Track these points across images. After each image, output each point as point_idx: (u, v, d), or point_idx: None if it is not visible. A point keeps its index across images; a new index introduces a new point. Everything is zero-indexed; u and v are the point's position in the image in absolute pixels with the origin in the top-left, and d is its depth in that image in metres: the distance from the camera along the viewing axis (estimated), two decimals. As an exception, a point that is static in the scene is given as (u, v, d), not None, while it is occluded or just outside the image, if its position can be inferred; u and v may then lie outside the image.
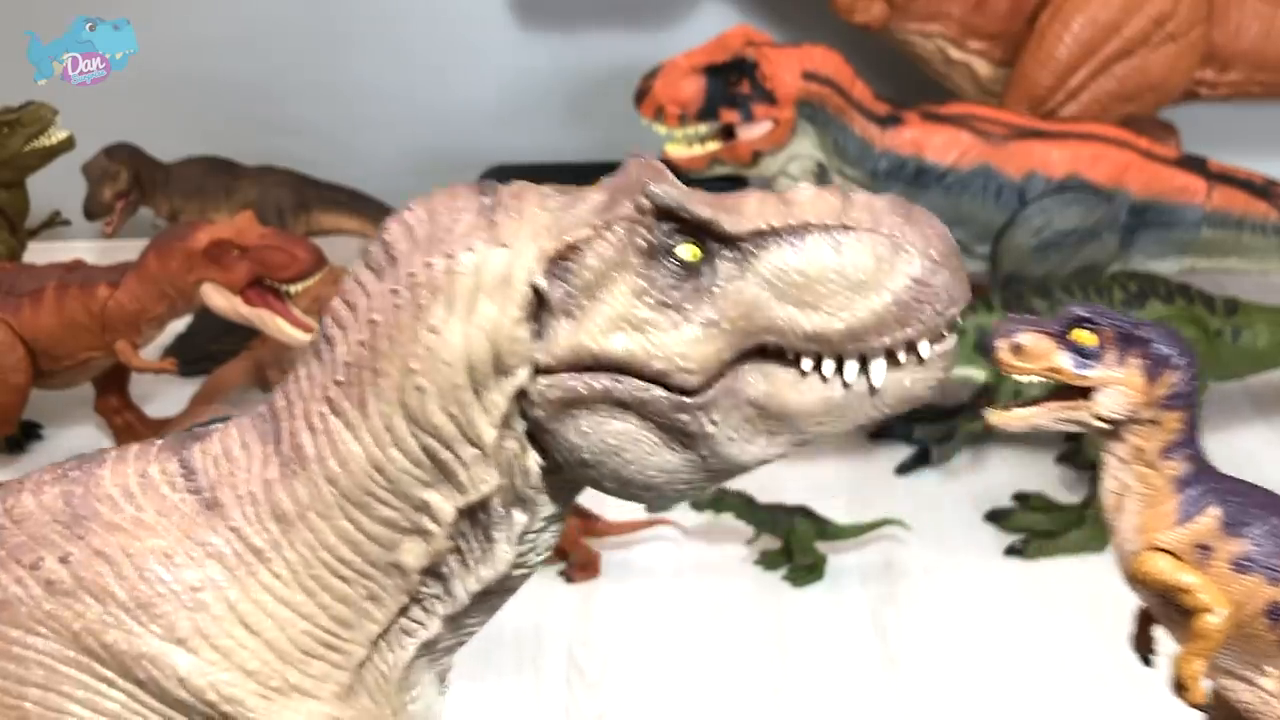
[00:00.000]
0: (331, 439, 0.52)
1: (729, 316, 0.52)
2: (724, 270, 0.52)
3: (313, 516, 0.52)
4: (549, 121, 2.11)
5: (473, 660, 1.29)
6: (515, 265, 0.51)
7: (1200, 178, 1.56)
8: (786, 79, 1.50)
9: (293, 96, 2.10)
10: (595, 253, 0.51)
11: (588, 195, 0.55)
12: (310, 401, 0.53)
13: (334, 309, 0.54)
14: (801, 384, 0.54)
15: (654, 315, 0.51)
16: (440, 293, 0.51)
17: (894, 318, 0.53)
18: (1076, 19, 1.65)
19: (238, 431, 0.55)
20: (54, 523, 0.53)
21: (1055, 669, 1.27)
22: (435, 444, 0.52)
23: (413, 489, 0.53)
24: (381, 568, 0.53)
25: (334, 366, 0.52)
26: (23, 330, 1.50)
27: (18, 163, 1.77)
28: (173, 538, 0.52)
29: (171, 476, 0.55)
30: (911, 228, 0.54)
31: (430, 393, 0.51)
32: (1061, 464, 1.57)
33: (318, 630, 0.53)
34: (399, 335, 0.51)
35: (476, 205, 0.53)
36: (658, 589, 1.39)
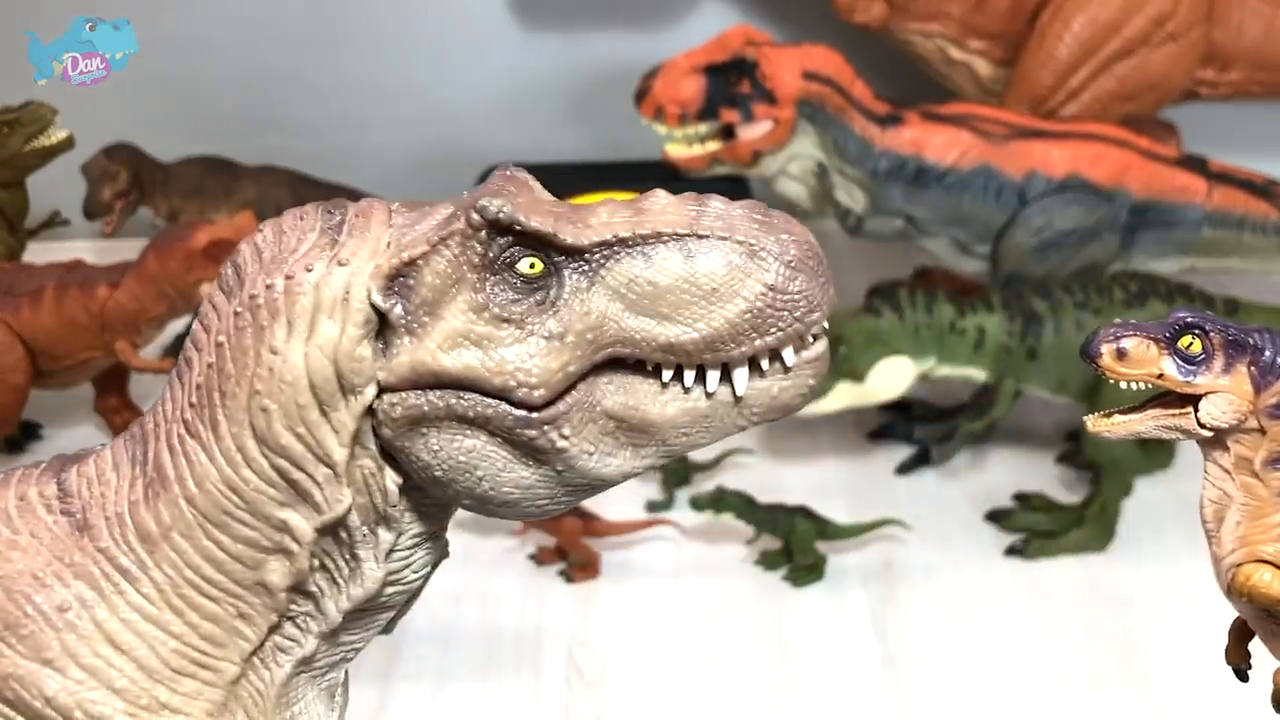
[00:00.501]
0: (189, 460, 0.53)
1: (575, 330, 0.51)
2: (570, 283, 0.52)
3: (176, 537, 0.53)
4: (549, 121, 2.11)
5: (472, 660, 1.30)
6: (354, 283, 0.51)
7: (1201, 177, 1.56)
8: (787, 79, 1.50)
9: (292, 96, 2.10)
10: (432, 269, 0.51)
11: (436, 210, 0.54)
12: (171, 423, 0.54)
13: (193, 332, 0.55)
14: (662, 395, 0.53)
15: (493, 330, 0.51)
16: (280, 313, 0.51)
17: (751, 326, 0.51)
18: (1077, 18, 1.64)
19: (111, 453, 0.56)
20: None
21: (1055, 669, 1.27)
22: (286, 464, 0.53)
23: (269, 509, 0.53)
24: (248, 586, 0.54)
25: (190, 389, 0.53)
26: (22, 330, 1.50)
27: (17, 162, 1.77)
28: (43, 559, 0.53)
29: (49, 499, 0.55)
30: (768, 233, 0.52)
31: (275, 413, 0.51)
32: (1062, 464, 1.57)
33: (188, 649, 0.54)
34: (243, 357, 0.51)
35: (321, 224, 0.53)
36: (657, 589, 1.39)
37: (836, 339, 1.38)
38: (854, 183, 1.56)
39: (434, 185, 2.11)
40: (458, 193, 1.70)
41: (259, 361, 0.51)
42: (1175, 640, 1.30)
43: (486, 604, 1.36)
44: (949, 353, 1.40)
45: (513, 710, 1.22)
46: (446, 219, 0.52)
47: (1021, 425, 1.62)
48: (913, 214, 1.55)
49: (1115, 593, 1.37)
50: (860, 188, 1.56)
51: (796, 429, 1.63)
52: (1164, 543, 1.44)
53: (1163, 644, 1.30)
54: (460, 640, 1.32)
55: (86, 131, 1.81)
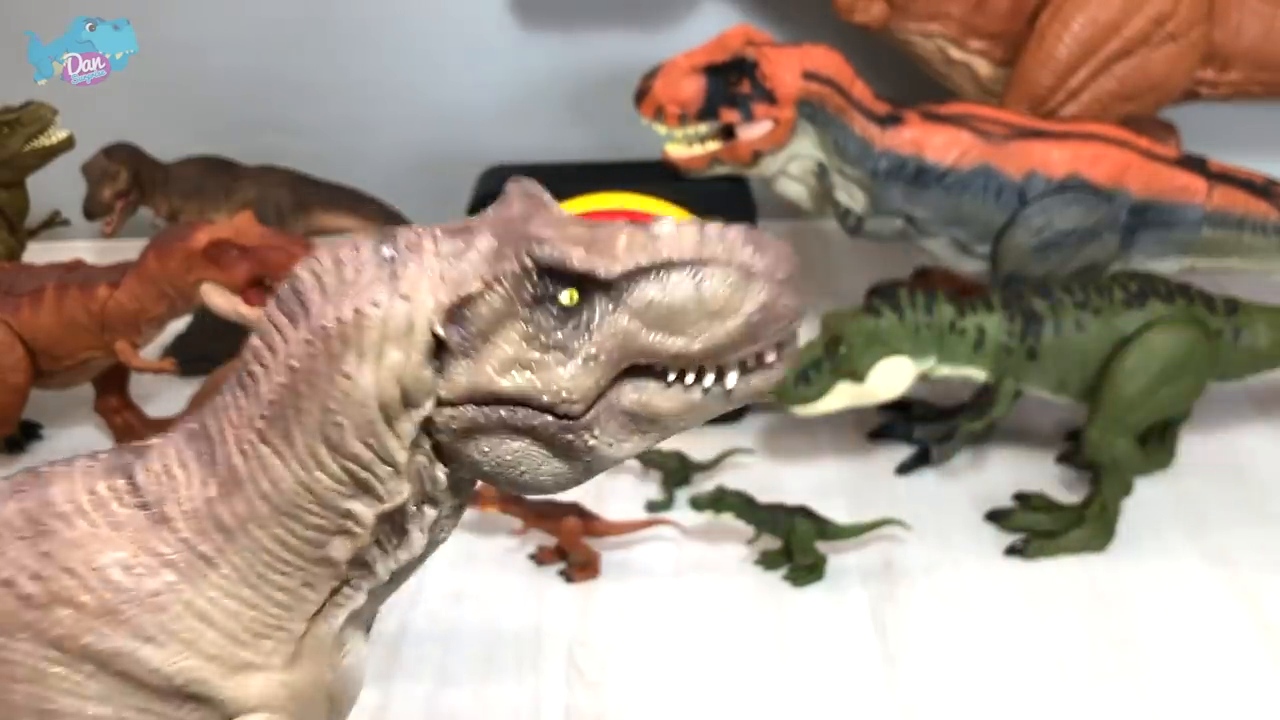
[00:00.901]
0: (263, 464, 0.61)
1: (605, 349, 0.60)
2: (600, 308, 0.60)
3: (251, 528, 0.61)
4: (549, 121, 2.11)
5: (473, 660, 1.30)
6: (417, 316, 0.59)
7: (1201, 177, 1.56)
8: (787, 79, 1.50)
9: (292, 96, 2.10)
10: (487, 304, 0.59)
11: (477, 239, 0.60)
12: (241, 429, 0.61)
13: (255, 347, 0.62)
14: (667, 391, 0.62)
15: (541, 356, 0.59)
16: (351, 343, 0.58)
17: (746, 337, 0.61)
18: (1077, 19, 1.64)
19: (175, 450, 0.63)
20: (17, 540, 0.60)
21: (1055, 668, 1.27)
22: (355, 466, 0.61)
23: (337, 501, 0.62)
24: (314, 561, 0.63)
25: (259, 402, 0.61)
26: (22, 330, 1.50)
27: (17, 162, 1.77)
28: (128, 551, 0.61)
29: (119, 493, 0.62)
30: (761, 257, 0.62)
31: (348, 427, 0.60)
32: (1062, 464, 1.57)
33: (264, 616, 0.63)
34: (317, 380, 0.59)
35: (377, 257, 0.59)
36: (657, 589, 1.39)
37: (836, 339, 1.38)
38: (854, 183, 1.56)
39: (435, 185, 2.12)
40: (458, 193, 1.70)
41: (332, 384, 0.59)
42: (1174, 639, 1.30)
43: (487, 604, 1.37)
44: (949, 353, 1.40)
45: (513, 710, 1.22)
46: (495, 255, 0.59)
47: (1021, 425, 1.62)
48: (913, 214, 1.55)
49: (1115, 592, 1.37)
50: (860, 188, 1.56)
51: (796, 429, 1.63)
52: (1164, 542, 1.44)
53: (1162, 643, 1.30)
54: (461, 640, 1.32)
55: (86, 131, 1.82)
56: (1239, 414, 1.65)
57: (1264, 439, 1.61)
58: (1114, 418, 1.37)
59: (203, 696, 0.61)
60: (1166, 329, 1.37)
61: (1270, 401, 1.67)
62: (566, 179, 1.57)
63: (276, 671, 0.62)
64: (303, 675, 0.63)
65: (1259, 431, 1.62)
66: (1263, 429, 1.63)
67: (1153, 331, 1.37)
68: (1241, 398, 1.67)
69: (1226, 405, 1.65)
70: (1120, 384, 1.37)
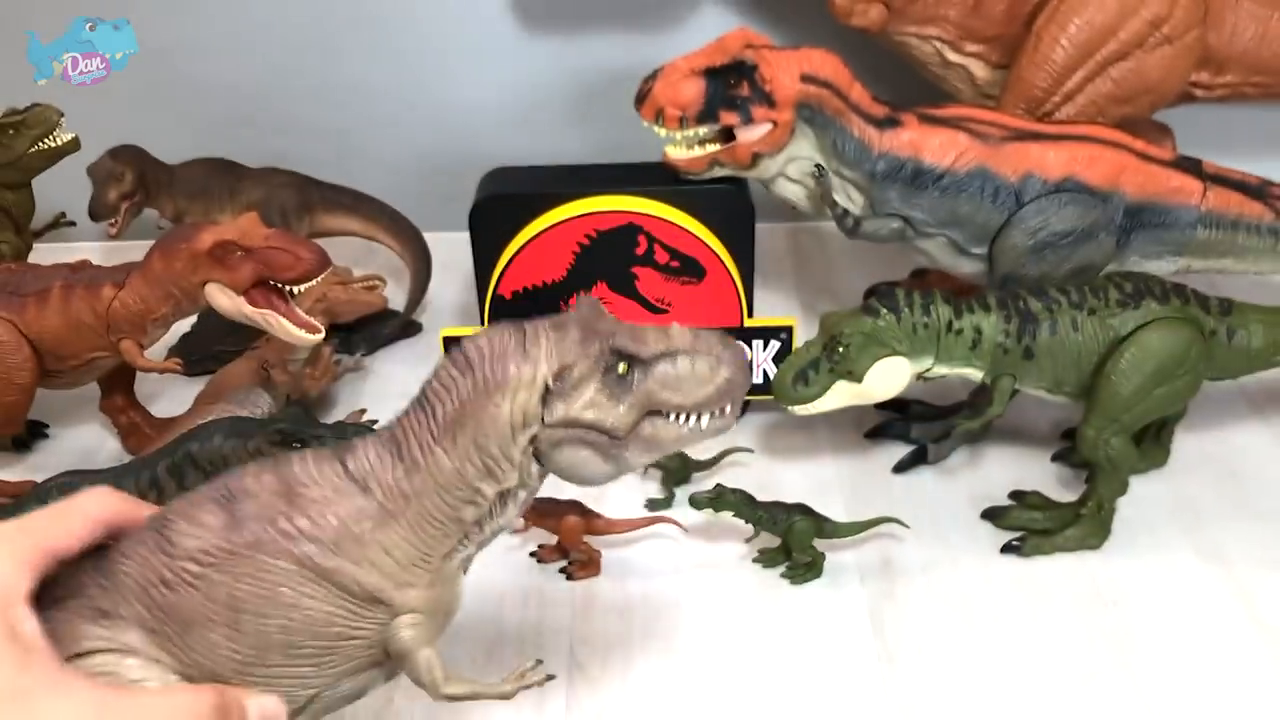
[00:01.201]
0: (434, 457, 0.92)
1: (640, 402, 0.93)
2: (637, 375, 0.93)
3: (421, 497, 0.92)
4: (550, 123, 2.12)
5: (474, 657, 1.31)
6: (538, 376, 0.91)
7: (1196, 179, 1.57)
8: (785, 81, 1.51)
9: (295, 98, 2.11)
10: (578, 370, 0.91)
11: (570, 331, 0.92)
12: (422, 435, 0.92)
13: (436, 383, 0.93)
14: (669, 426, 0.95)
15: (605, 401, 0.92)
16: (499, 389, 0.91)
17: (717, 398, 0.95)
18: (1073, 22, 1.65)
19: (374, 446, 0.93)
20: (276, 496, 0.89)
21: (1051, 665, 1.28)
22: (490, 462, 0.92)
23: (475, 482, 0.93)
24: (453, 521, 0.93)
25: (436, 420, 0.92)
26: (28, 330, 1.51)
27: (24, 164, 1.78)
28: (347, 507, 0.90)
29: (338, 472, 0.91)
30: (727, 349, 0.95)
31: (492, 438, 0.91)
32: (1058, 462, 1.58)
33: (420, 552, 0.93)
34: (476, 410, 0.91)
35: (515, 340, 0.92)
36: (657, 587, 1.40)
37: (834, 339, 1.39)
38: (852, 184, 1.57)
39: (437, 187, 2.13)
40: (461, 194, 1.70)
41: (485, 412, 0.91)
42: (1170, 636, 1.31)
43: (488, 601, 1.38)
44: (946, 353, 1.41)
45: (514, 707, 1.23)
46: (586, 340, 0.92)
47: (1018, 424, 1.63)
48: (910, 215, 1.56)
49: (1111, 590, 1.38)
50: (858, 189, 1.57)
51: (795, 428, 1.64)
52: (1159, 540, 1.45)
53: (1158, 640, 1.31)
54: (462, 637, 1.33)
55: (92, 133, 1.83)
56: (1234, 413, 1.66)
57: (1258, 438, 1.62)
58: (1109, 417, 1.38)
59: (382, 600, 0.92)
60: (1162, 329, 1.38)
61: (1265, 401, 1.68)
62: (567, 180, 1.58)
63: (423, 589, 0.93)
64: (436, 593, 0.94)
65: (1253, 430, 1.63)
66: (1257, 428, 1.64)
67: (1148, 331, 1.38)
68: (1236, 397, 1.68)
69: (1221, 404, 1.66)
70: (1116, 383, 1.38)
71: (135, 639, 0.86)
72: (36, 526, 0.86)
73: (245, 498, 0.88)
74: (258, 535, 0.86)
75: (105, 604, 0.86)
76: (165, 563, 0.86)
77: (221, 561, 0.86)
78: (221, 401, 1.55)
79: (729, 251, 1.56)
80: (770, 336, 1.59)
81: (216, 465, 1.24)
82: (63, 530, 0.86)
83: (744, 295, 1.58)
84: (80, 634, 0.85)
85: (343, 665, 0.92)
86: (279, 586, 0.87)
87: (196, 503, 0.88)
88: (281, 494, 0.88)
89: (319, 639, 0.89)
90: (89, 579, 0.87)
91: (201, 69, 2.09)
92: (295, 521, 0.87)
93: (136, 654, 0.86)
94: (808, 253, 2.14)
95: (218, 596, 0.86)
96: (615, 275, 1.57)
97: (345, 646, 0.91)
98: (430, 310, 1.97)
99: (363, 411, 1.67)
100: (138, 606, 0.86)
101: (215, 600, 0.86)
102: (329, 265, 1.45)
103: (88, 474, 1.29)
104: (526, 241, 1.54)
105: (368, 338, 1.87)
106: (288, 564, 0.87)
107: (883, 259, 2.02)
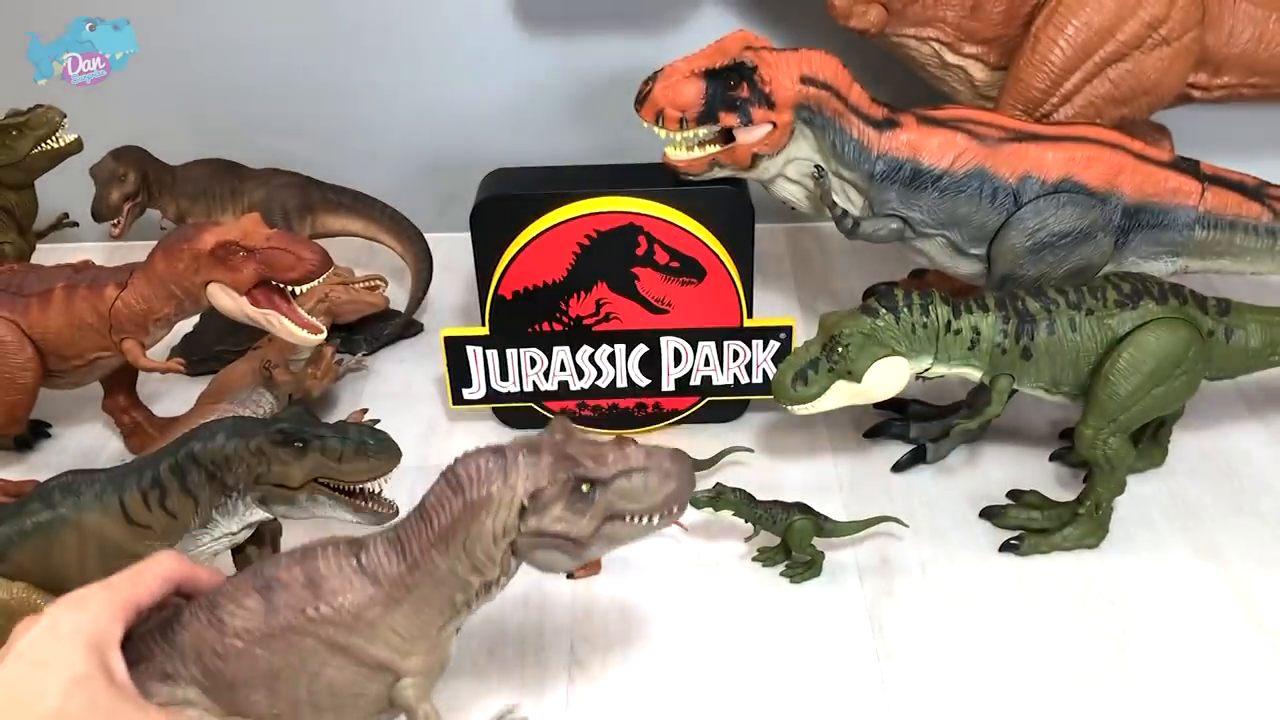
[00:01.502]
0: (432, 558, 1.06)
1: (600, 510, 1.06)
2: (599, 491, 1.06)
3: (420, 587, 1.07)
4: (550, 124, 2.13)
5: (476, 655, 1.32)
6: (515, 497, 1.05)
7: (1193, 180, 1.57)
8: (785, 83, 1.51)
9: (297, 99, 2.12)
10: (549, 492, 1.05)
11: (543, 457, 1.06)
12: (422, 541, 1.07)
13: (434, 498, 1.07)
14: (626, 527, 1.08)
15: (572, 515, 1.06)
16: (484, 508, 1.05)
17: (664, 505, 1.08)
18: (1071, 23, 1.66)
19: (383, 545, 1.08)
20: (303, 588, 1.06)
21: (1049, 664, 1.29)
22: (476, 562, 1.06)
23: (465, 576, 1.07)
24: (448, 603, 1.08)
25: (434, 529, 1.06)
26: (31, 330, 1.51)
27: (27, 165, 1.79)
28: (360, 597, 1.06)
29: (354, 568, 1.07)
30: (675, 464, 1.08)
31: (478, 545, 1.06)
32: (1056, 462, 1.59)
33: (420, 629, 1.08)
34: (466, 523, 1.05)
35: (496, 464, 1.05)
36: (657, 585, 1.41)
37: (834, 339, 1.40)
38: (851, 185, 1.58)
39: (438, 188, 2.14)
40: (461, 195, 1.71)
41: (473, 526, 1.05)
42: (1167, 635, 1.32)
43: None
44: (944, 352, 1.42)
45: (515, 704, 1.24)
46: (556, 466, 1.05)
47: (1016, 423, 1.63)
48: (909, 216, 1.56)
49: (1109, 589, 1.39)
50: (857, 190, 1.57)
51: (794, 427, 1.65)
52: (1157, 539, 1.45)
53: (1155, 639, 1.32)
54: (463, 636, 1.34)
55: (95, 134, 1.83)
56: (1231, 413, 1.67)
57: (1256, 438, 1.62)
58: (1107, 416, 1.39)
59: (389, 668, 1.07)
60: (1159, 329, 1.39)
61: (1262, 401, 1.69)
62: (568, 182, 1.59)
63: (422, 655, 1.08)
64: (434, 657, 1.09)
65: (1251, 430, 1.64)
66: (1254, 428, 1.64)
67: (1146, 331, 1.38)
68: (1233, 397, 1.69)
69: (1219, 404, 1.67)
70: (1114, 383, 1.38)
71: (193, 694, 1.05)
72: (120, 584, 1.02)
73: (280, 587, 1.06)
74: (289, 620, 1.04)
75: (168, 667, 1.05)
76: (216, 637, 1.04)
77: (261, 640, 1.04)
78: (224, 401, 1.55)
79: (729, 252, 1.56)
80: (770, 336, 1.59)
81: (219, 465, 1.24)
82: (142, 589, 1.03)
83: (744, 295, 1.58)
84: (150, 691, 1.04)
85: (358, 714, 1.09)
86: (306, 659, 1.05)
87: (241, 588, 1.07)
88: (308, 586, 1.05)
89: (338, 697, 1.07)
90: (156, 647, 1.06)
91: (203, 70, 2.09)
92: (320, 609, 1.05)
93: (195, 705, 1.05)
94: (807, 253, 2.14)
95: (258, 666, 1.04)
96: (615, 275, 1.57)
97: (360, 701, 1.08)
98: (431, 310, 1.97)
99: (364, 411, 1.68)
100: (194, 669, 1.05)
101: (256, 669, 1.04)
102: (330, 266, 1.45)
103: (90, 474, 1.29)
104: (527, 242, 1.55)
105: (369, 338, 1.88)
106: (314, 642, 1.05)
107: (882, 259, 2.02)
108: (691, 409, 1.65)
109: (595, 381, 1.63)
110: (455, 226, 1.73)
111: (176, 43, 2.06)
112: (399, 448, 1.25)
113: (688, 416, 1.66)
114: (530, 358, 1.61)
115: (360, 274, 1.86)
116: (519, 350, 1.61)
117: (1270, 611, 1.34)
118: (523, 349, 1.61)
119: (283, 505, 1.26)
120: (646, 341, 1.60)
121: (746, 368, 1.62)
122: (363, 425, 1.29)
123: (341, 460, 1.24)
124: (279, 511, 1.27)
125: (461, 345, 1.61)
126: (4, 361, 1.51)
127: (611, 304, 1.59)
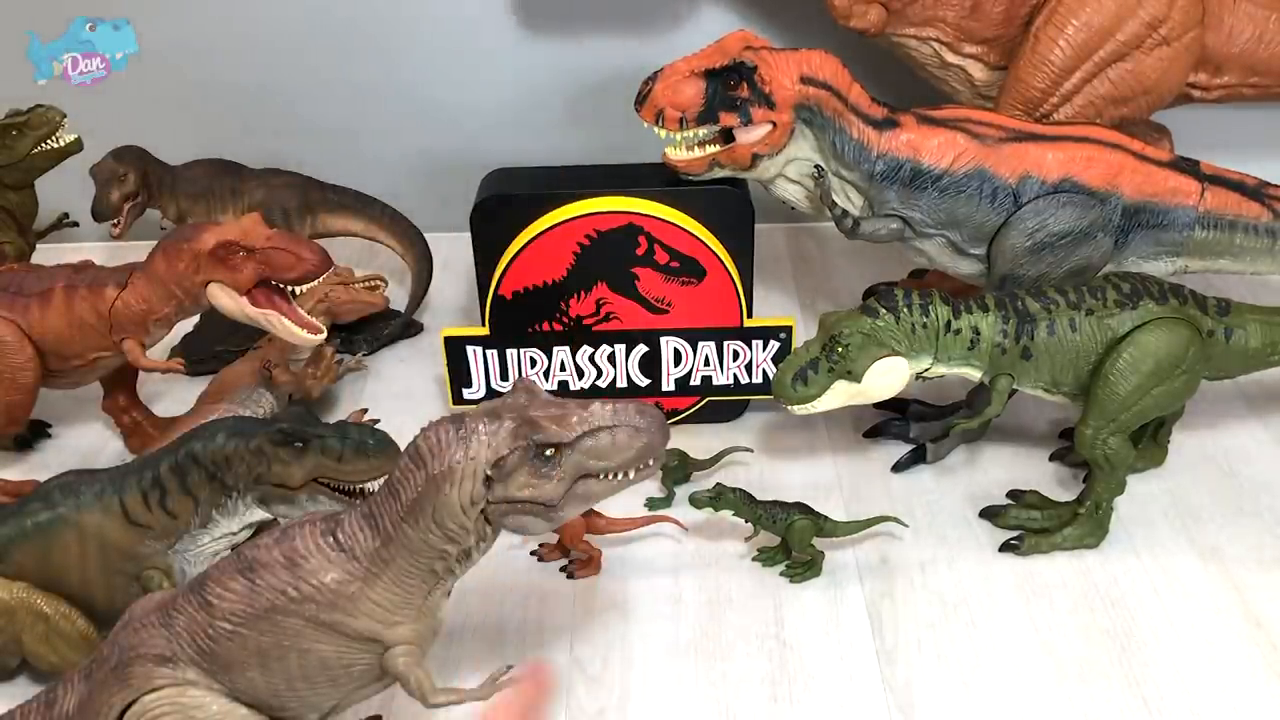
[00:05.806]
0: (404, 532, 1.08)
1: (568, 472, 1.08)
2: (565, 454, 1.07)
3: (396, 559, 1.09)
4: (550, 124, 2.13)
5: (477, 654, 1.32)
6: (478, 467, 1.06)
7: (1193, 180, 1.57)
8: (785, 83, 1.51)
9: (298, 100, 2.12)
10: (512, 459, 1.06)
11: (504, 423, 1.07)
12: (392, 514, 1.08)
13: (400, 472, 1.08)
14: (600, 484, 1.10)
15: (538, 481, 1.07)
16: (446, 480, 1.06)
17: (638, 459, 1.09)
18: (1070, 23, 1.66)
19: (357, 520, 1.10)
20: (281, 568, 1.08)
21: (1049, 663, 1.29)
22: (449, 532, 1.08)
23: (439, 546, 1.09)
24: (427, 573, 1.10)
25: (401, 503, 1.08)
26: (31, 330, 1.51)
27: (26, 165, 1.79)
28: (339, 572, 1.08)
29: (331, 545, 1.09)
30: (643, 418, 1.09)
31: (448, 516, 1.07)
32: (1055, 462, 1.59)
33: (403, 599, 1.10)
34: (432, 495, 1.07)
35: (458, 435, 1.07)
36: (657, 585, 1.41)
37: (834, 339, 1.40)
38: (851, 185, 1.58)
39: (438, 188, 2.14)
40: (461, 195, 1.71)
41: (438, 498, 1.06)
42: (1166, 634, 1.32)
43: (490, 599, 1.38)
44: (944, 352, 1.42)
45: (516, 703, 1.24)
46: (517, 432, 1.06)
47: (1016, 424, 1.63)
48: (908, 216, 1.56)
49: (1108, 588, 1.39)
50: (857, 190, 1.58)
51: (794, 427, 1.65)
52: (1156, 538, 1.45)
53: (1154, 637, 1.32)
54: (464, 635, 1.34)
55: (94, 134, 1.83)
56: (1231, 412, 1.67)
57: (1255, 437, 1.63)
58: (1107, 416, 1.39)
59: (376, 639, 1.09)
60: (1159, 329, 1.39)
61: (1261, 400, 1.69)
62: (568, 182, 1.59)
63: (409, 624, 1.10)
64: (421, 625, 1.11)
65: (1250, 430, 1.64)
66: (1254, 427, 1.65)
67: (1146, 331, 1.39)
68: (1233, 396, 1.69)
69: (1218, 404, 1.67)
70: (1113, 383, 1.38)
71: (193, 674, 1.10)
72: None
73: (261, 568, 1.09)
74: (273, 601, 1.08)
75: (167, 651, 1.10)
76: (206, 620, 1.09)
77: (247, 620, 1.08)
78: (224, 401, 1.55)
79: (729, 252, 1.56)
80: (770, 336, 1.59)
81: (219, 465, 1.25)
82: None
83: (743, 295, 1.58)
84: (153, 674, 1.10)
85: (353, 684, 1.12)
86: (293, 637, 1.08)
87: (226, 571, 1.10)
88: (288, 566, 1.08)
89: (331, 670, 1.10)
90: (155, 633, 1.11)
91: (203, 70, 2.09)
92: (300, 589, 1.07)
93: (196, 685, 1.10)
94: (807, 253, 2.14)
95: (248, 646, 1.08)
96: (615, 275, 1.57)
97: (353, 672, 1.11)
98: (431, 310, 1.98)
99: (364, 411, 1.68)
100: (190, 651, 1.10)
101: (246, 649, 1.09)
102: (330, 266, 1.46)
103: (90, 474, 1.30)
104: (527, 242, 1.55)
105: (369, 338, 1.88)
106: (298, 621, 1.08)
107: (882, 259, 2.02)
108: (691, 409, 1.66)
109: (595, 381, 1.63)
110: (455, 226, 1.73)
111: (176, 43, 2.06)
112: (399, 448, 1.25)
113: (688, 416, 1.66)
114: (530, 358, 1.61)
115: (360, 274, 1.86)
116: (519, 350, 1.61)
117: (1270, 611, 1.35)
118: (523, 349, 1.61)
119: (283, 505, 1.26)
120: (646, 341, 1.60)
121: (746, 368, 1.62)
122: (363, 425, 1.29)
123: (341, 460, 1.24)
124: (279, 511, 1.27)
125: (461, 345, 1.61)
126: (4, 361, 1.51)
127: (611, 304, 1.59)
